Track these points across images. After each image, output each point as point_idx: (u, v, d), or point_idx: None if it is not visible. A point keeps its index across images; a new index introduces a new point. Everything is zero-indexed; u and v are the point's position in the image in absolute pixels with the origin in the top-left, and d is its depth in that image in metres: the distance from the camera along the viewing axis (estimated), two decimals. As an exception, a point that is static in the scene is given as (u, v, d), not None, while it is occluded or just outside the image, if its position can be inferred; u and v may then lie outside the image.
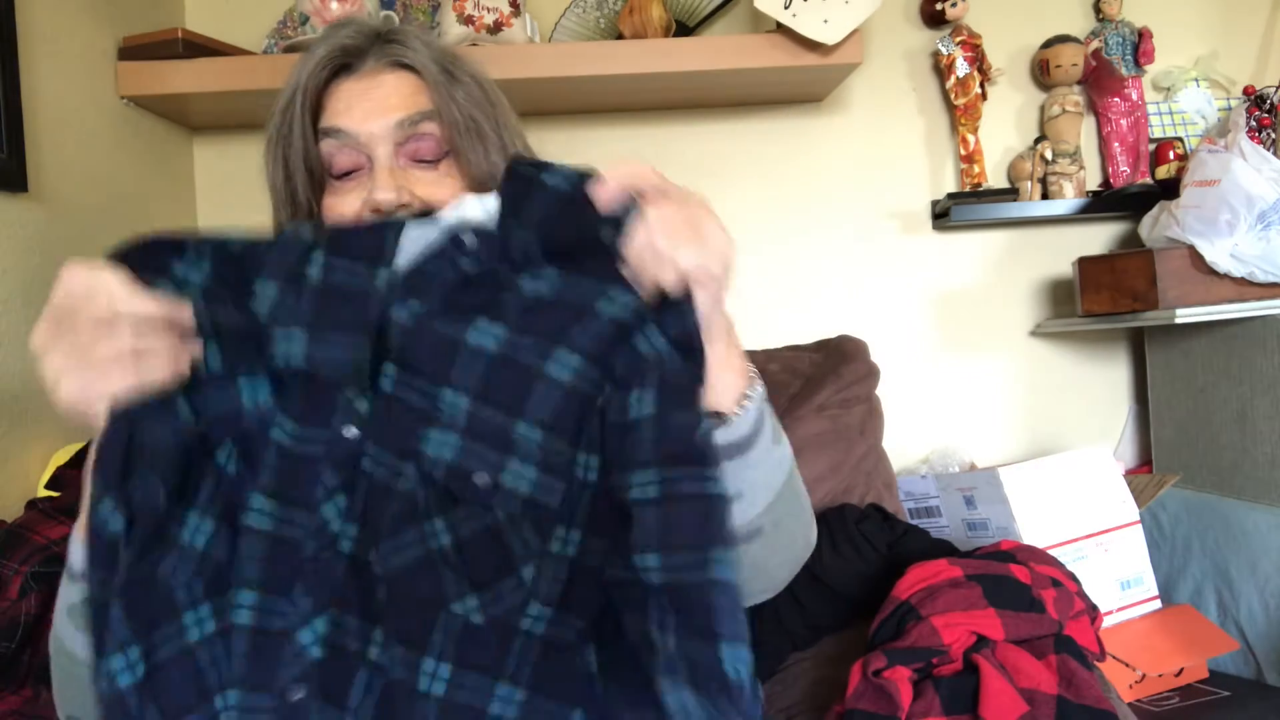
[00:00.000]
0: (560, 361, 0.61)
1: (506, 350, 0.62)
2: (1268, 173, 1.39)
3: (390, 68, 0.81)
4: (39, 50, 1.24)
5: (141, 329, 0.59)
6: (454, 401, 0.62)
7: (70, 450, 1.18)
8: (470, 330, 0.62)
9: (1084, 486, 1.42)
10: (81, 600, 0.63)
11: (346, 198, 0.80)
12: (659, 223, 0.60)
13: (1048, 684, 0.88)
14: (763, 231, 1.75)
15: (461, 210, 0.66)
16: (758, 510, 0.73)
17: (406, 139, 0.79)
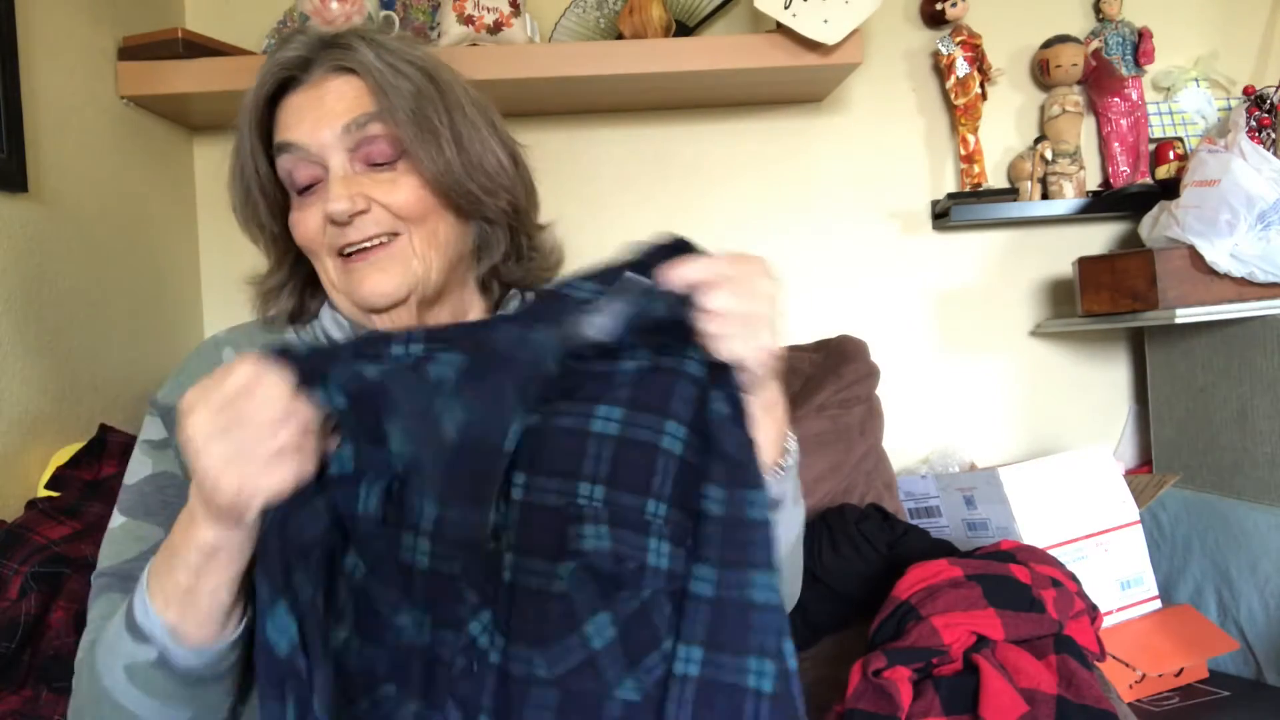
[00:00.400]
0: (671, 434, 0.67)
1: (627, 432, 0.67)
2: (1268, 173, 1.39)
3: (334, 73, 0.79)
4: (39, 50, 1.24)
5: (307, 430, 0.62)
6: (590, 493, 0.66)
7: (70, 450, 1.18)
8: (593, 420, 0.67)
9: (1084, 486, 1.42)
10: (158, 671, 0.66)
11: (308, 213, 0.79)
12: (714, 315, 0.65)
13: (1048, 684, 0.88)
14: (762, 231, 1.75)
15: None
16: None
17: (358, 144, 0.78)
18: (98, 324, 1.35)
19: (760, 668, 0.63)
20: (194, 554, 0.64)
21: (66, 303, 1.27)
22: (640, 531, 0.66)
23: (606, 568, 0.65)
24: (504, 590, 0.66)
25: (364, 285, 0.78)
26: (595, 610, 0.65)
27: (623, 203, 1.73)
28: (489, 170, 0.81)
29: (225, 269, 1.69)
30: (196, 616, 0.65)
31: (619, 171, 1.73)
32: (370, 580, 0.67)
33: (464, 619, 0.65)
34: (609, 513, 0.66)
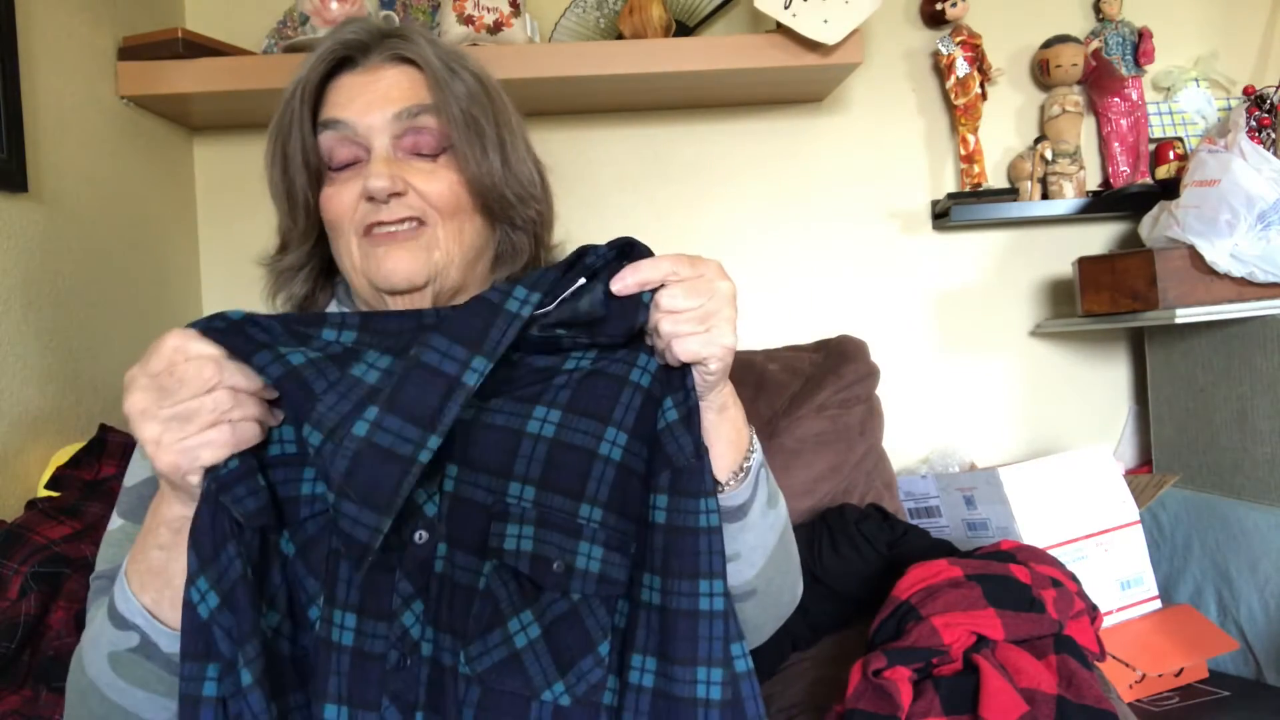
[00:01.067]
0: (610, 440, 0.66)
1: (562, 435, 0.66)
2: (1268, 173, 1.39)
3: (392, 61, 0.81)
4: (39, 50, 1.24)
5: (239, 398, 0.62)
6: (520, 492, 0.65)
7: (70, 450, 1.18)
8: (529, 420, 0.66)
9: (1084, 486, 1.42)
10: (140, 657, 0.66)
11: (343, 188, 0.79)
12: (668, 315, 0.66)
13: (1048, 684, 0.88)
14: (762, 231, 1.75)
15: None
16: (754, 571, 0.78)
17: (404, 131, 0.79)
18: (98, 324, 1.35)
19: (709, 677, 0.64)
20: (163, 530, 0.65)
21: (66, 303, 1.27)
22: (571, 535, 0.66)
23: (524, 568, 0.65)
24: (435, 580, 0.65)
25: (385, 264, 0.78)
26: (518, 609, 0.64)
27: (623, 203, 1.73)
28: (523, 180, 0.83)
29: (225, 269, 1.69)
30: (173, 598, 0.65)
31: (619, 171, 1.73)
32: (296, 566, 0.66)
33: (396, 611, 0.65)
34: (537, 514, 0.66)
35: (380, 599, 0.65)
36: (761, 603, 0.80)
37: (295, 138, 0.80)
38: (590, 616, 0.66)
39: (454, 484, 0.67)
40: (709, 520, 0.66)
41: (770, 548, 0.79)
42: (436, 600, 0.65)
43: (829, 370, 1.42)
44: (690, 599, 0.65)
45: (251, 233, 1.67)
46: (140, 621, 0.66)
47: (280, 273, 0.85)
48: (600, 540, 0.67)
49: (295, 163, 0.80)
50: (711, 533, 0.66)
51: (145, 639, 0.67)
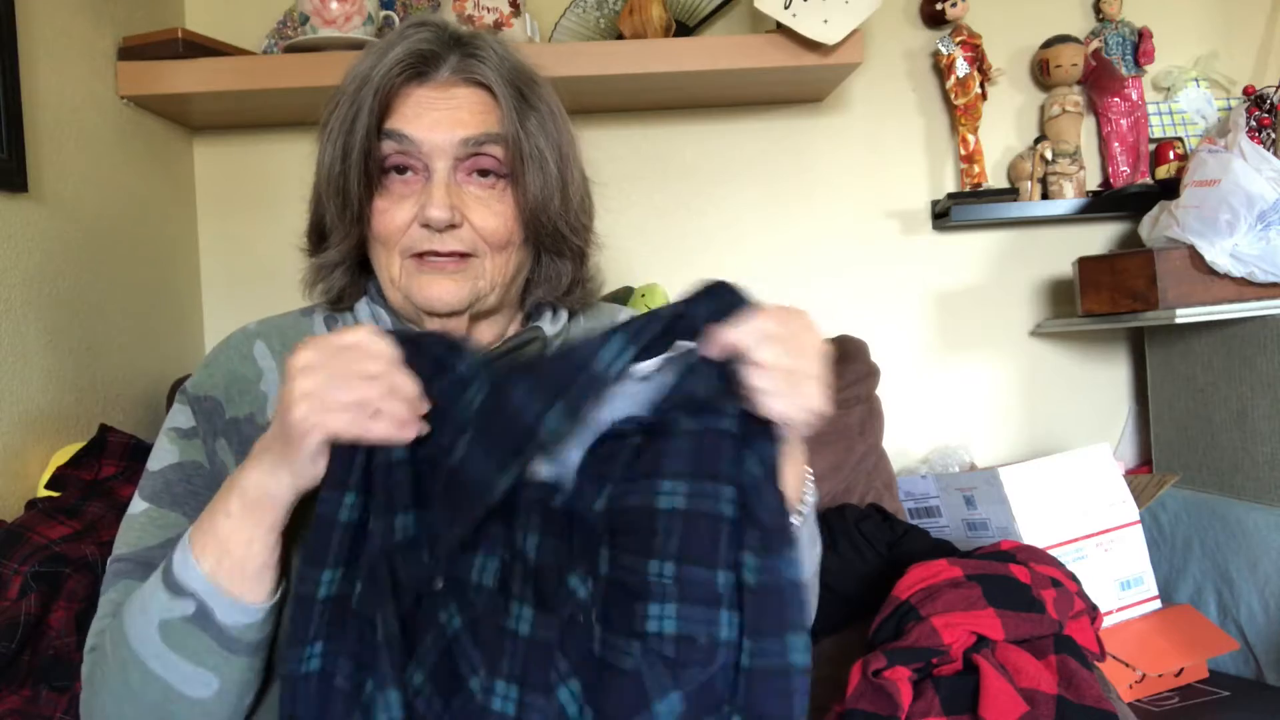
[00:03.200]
0: (728, 499, 0.65)
1: (694, 504, 0.65)
2: (1268, 173, 1.39)
3: (465, 82, 0.79)
4: (39, 50, 1.24)
5: (392, 395, 0.65)
6: (660, 570, 0.65)
7: (70, 450, 1.18)
8: (659, 495, 0.66)
9: (1084, 486, 1.42)
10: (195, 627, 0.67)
11: (399, 205, 0.79)
12: (762, 370, 0.65)
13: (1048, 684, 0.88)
14: (762, 231, 1.75)
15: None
16: None
17: (468, 156, 0.79)
18: (98, 324, 1.35)
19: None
20: (234, 498, 0.67)
21: (66, 303, 1.27)
22: (713, 605, 0.65)
23: (669, 652, 0.64)
24: (594, 663, 0.66)
25: (430, 289, 0.79)
26: (665, 690, 0.64)
27: (623, 203, 1.73)
28: (577, 211, 0.84)
29: (225, 269, 1.69)
30: (232, 567, 0.67)
31: (619, 171, 1.73)
32: (461, 637, 0.67)
33: (553, 685, 0.66)
34: (678, 590, 0.65)
35: (542, 674, 0.66)
36: None
37: (359, 141, 0.78)
38: (723, 679, 0.65)
39: (608, 566, 0.67)
40: (794, 574, 0.65)
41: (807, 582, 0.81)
42: (595, 680, 0.66)
43: (829, 370, 1.42)
44: (780, 656, 0.64)
45: (251, 233, 1.68)
46: (199, 587, 0.67)
47: (320, 267, 0.85)
48: (736, 606, 0.66)
49: (355, 161, 0.79)
50: (798, 587, 0.65)
51: (202, 607, 0.67)
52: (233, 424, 0.80)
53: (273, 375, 0.83)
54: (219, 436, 0.80)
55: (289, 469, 0.66)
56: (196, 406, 0.81)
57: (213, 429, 0.80)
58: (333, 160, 0.80)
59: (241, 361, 0.83)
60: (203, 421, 0.80)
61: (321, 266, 0.85)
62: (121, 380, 1.39)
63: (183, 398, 0.83)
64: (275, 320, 0.88)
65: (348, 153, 0.79)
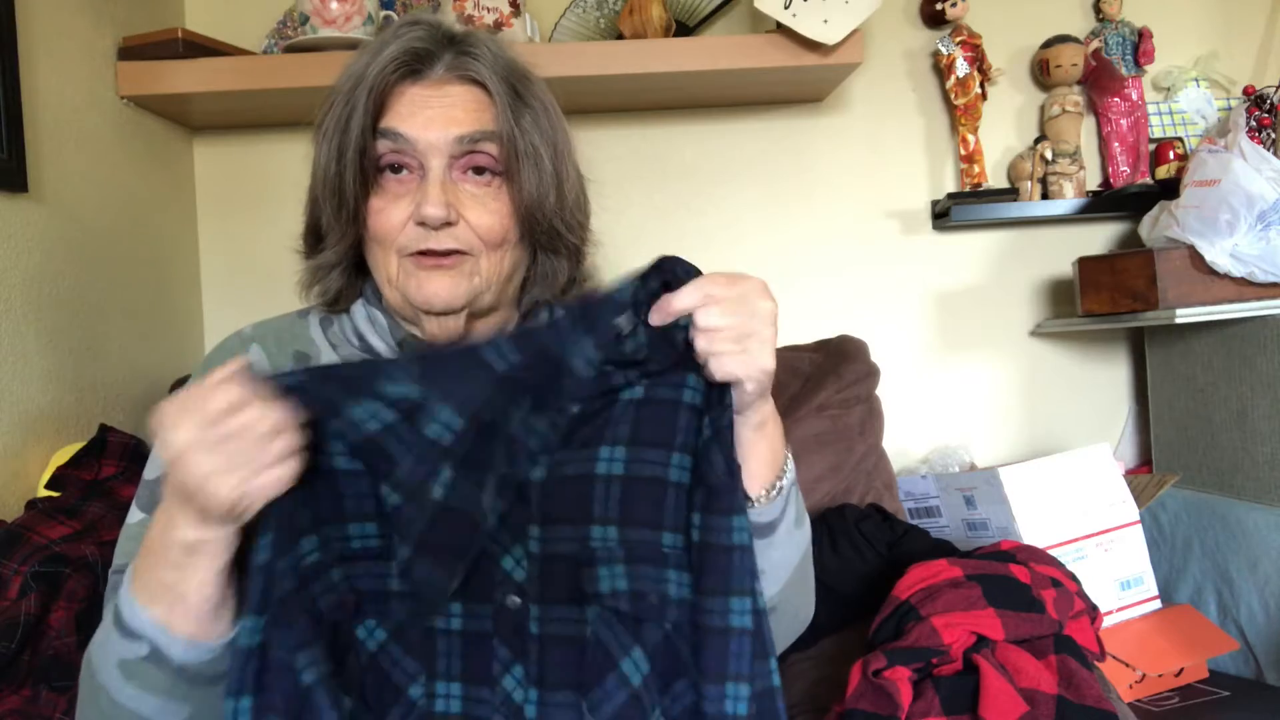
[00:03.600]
0: (677, 465, 0.67)
1: (632, 470, 0.67)
2: (1268, 173, 1.39)
3: (459, 80, 0.79)
4: (39, 50, 1.24)
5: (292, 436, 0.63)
6: (604, 535, 0.67)
7: (70, 450, 1.18)
8: (597, 463, 0.67)
9: (1084, 486, 1.42)
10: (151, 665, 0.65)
11: (395, 204, 0.79)
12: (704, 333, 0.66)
13: (1048, 684, 0.88)
14: (762, 231, 1.75)
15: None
16: (777, 589, 0.78)
17: (463, 154, 0.79)
18: (98, 324, 1.35)
19: (736, 693, 0.64)
20: (176, 551, 0.64)
21: (66, 303, 1.27)
22: (659, 564, 0.67)
23: (625, 607, 0.66)
24: (533, 643, 0.67)
25: (426, 287, 0.79)
26: (628, 647, 0.66)
27: (622, 203, 1.73)
28: (573, 209, 0.84)
29: (225, 269, 1.69)
30: (185, 612, 0.65)
31: (619, 171, 1.73)
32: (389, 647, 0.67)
33: (496, 677, 0.66)
34: (624, 551, 0.67)
35: (483, 666, 0.66)
36: (779, 620, 0.80)
37: (354, 140, 0.78)
38: (682, 639, 0.67)
39: (539, 544, 0.68)
40: (740, 538, 0.66)
41: (793, 566, 0.80)
42: (538, 662, 0.66)
43: (829, 370, 1.42)
44: (721, 616, 0.65)
45: (251, 233, 1.68)
46: (150, 633, 0.66)
47: (317, 268, 0.85)
48: (684, 566, 0.68)
49: (350, 162, 0.79)
50: (743, 550, 0.66)
51: (156, 649, 0.66)
52: None
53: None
54: None
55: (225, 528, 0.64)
56: None
57: None
58: (328, 160, 0.80)
59: None
60: None
61: (318, 268, 0.85)
62: (121, 380, 1.39)
63: None
64: (271, 323, 0.88)
65: (343, 152, 0.78)
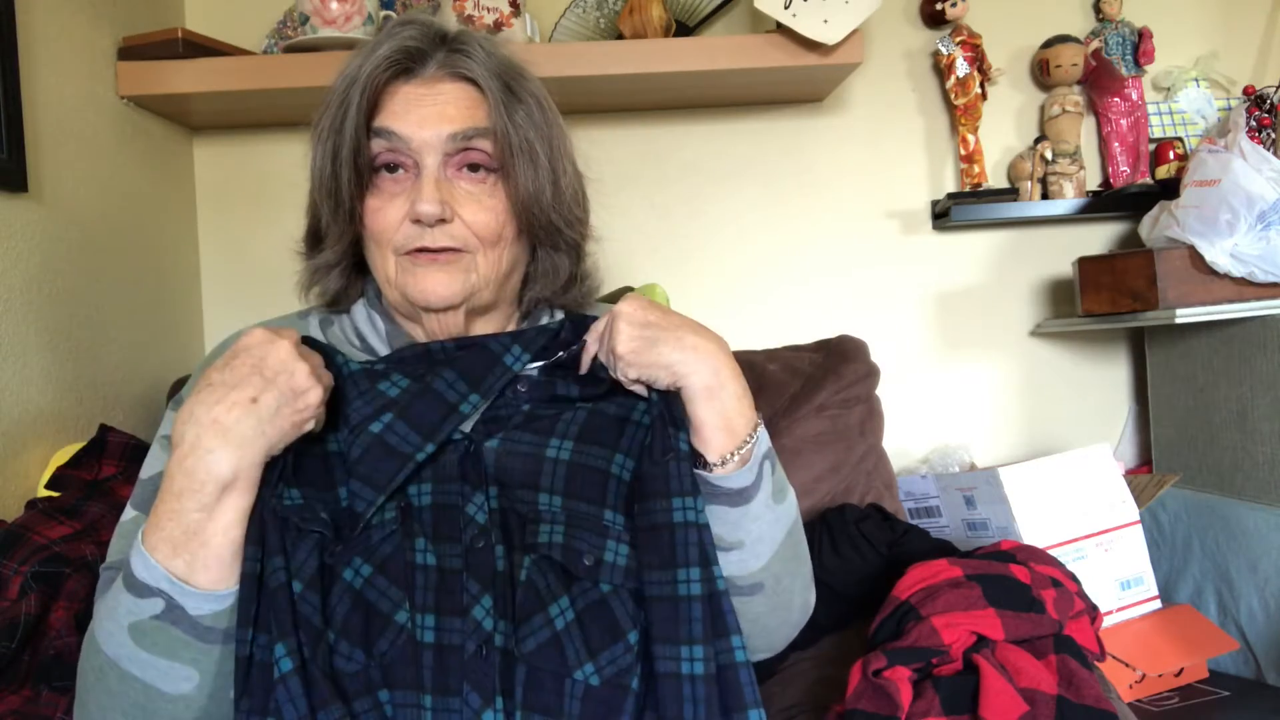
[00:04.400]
0: (619, 464, 0.78)
1: (577, 459, 0.78)
2: (1268, 173, 1.39)
3: (452, 77, 0.80)
4: (39, 50, 1.24)
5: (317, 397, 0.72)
6: (549, 501, 0.76)
7: (70, 450, 1.18)
8: (547, 448, 0.78)
9: (1084, 486, 1.42)
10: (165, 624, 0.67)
11: (391, 203, 0.79)
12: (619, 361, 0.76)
13: (1048, 684, 0.88)
14: (762, 231, 1.75)
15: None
16: (760, 564, 0.79)
17: (457, 151, 0.79)
18: (98, 324, 1.35)
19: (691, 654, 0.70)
20: (210, 489, 0.66)
21: (66, 303, 1.27)
22: (598, 534, 0.75)
23: (558, 557, 0.74)
24: (500, 578, 0.73)
25: (423, 283, 0.80)
26: (555, 595, 0.73)
27: (623, 202, 1.73)
28: (571, 203, 0.84)
29: (225, 269, 1.69)
30: (207, 558, 0.67)
31: (619, 171, 1.73)
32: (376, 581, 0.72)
33: (467, 606, 0.71)
34: (566, 516, 0.76)
35: (454, 599, 0.71)
36: (770, 601, 0.81)
37: (348, 140, 0.79)
38: (620, 606, 0.73)
39: (495, 501, 0.76)
40: (684, 516, 0.73)
41: (778, 541, 0.80)
42: (503, 596, 0.72)
43: (829, 370, 1.42)
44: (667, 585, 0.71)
45: (251, 233, 1.68)
46: (165, 586, 0.66)
47: (316, 269, 0.86)
48: (625, 540, 0.75)
49: (345, 163, 0.79)
50: (687, 527, 0.72)
51: (170, 603, 0.67)
52: None
53: None
54: None
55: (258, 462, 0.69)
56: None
57: None
58: (324, 161, 0.81)
59: None
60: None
61: (317, 269, 0.86)
62: (121, 380, 1.39)
63: (175, 404, 0.83)
64: (271, 323, 0.87)
65: (338, 152, 0.79)
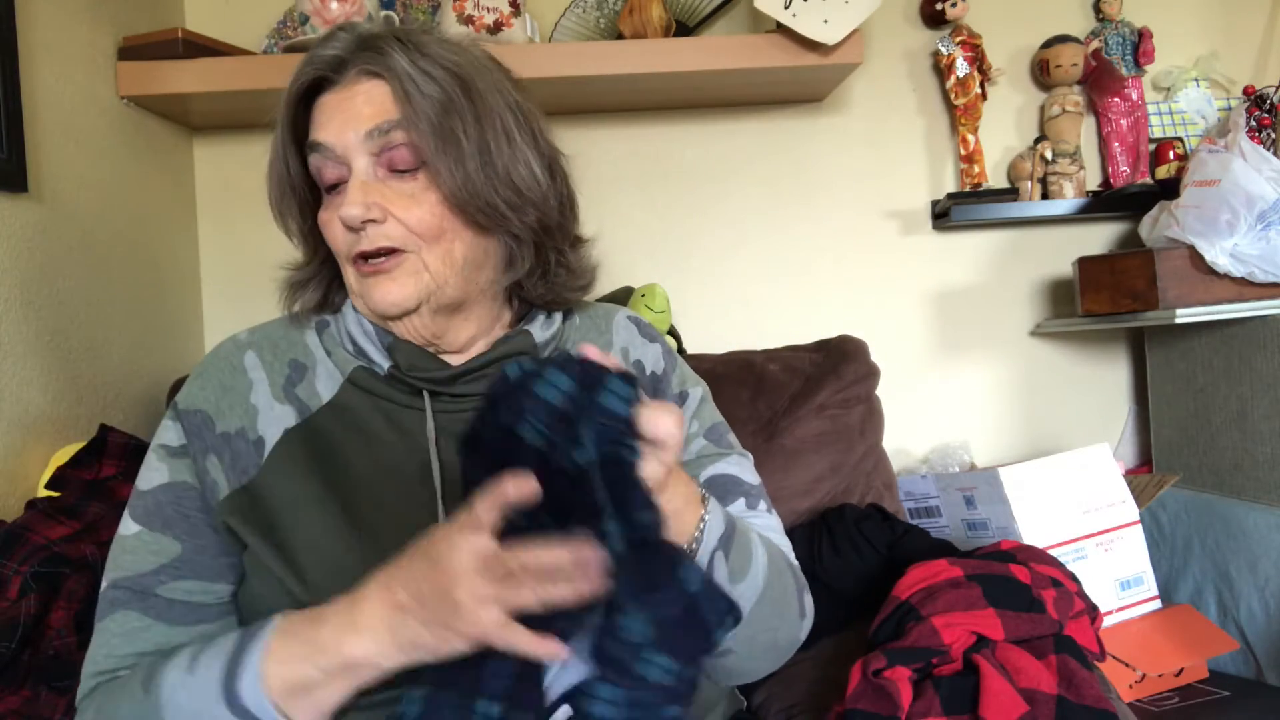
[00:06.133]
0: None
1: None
2: (1268, 173, 1.39)
3: (365, 76, 0.78)
4: (39, 50, 1.24)
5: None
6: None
7: (70, 450, 1.18)
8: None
9: (1084, 486, 1.42)
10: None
11: (334, 216, 0.79)
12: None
13: (1048, 684, 0.88)
14: (762, 231, 1.75)
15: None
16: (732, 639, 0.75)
17: (380, 150, 0.77)
18: (98, 324, 1.35)
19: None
20: (337, 661, 0.65)
21: (66, 303, 1.27)
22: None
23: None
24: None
25: (375, 293, 0.78)
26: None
27: (623, 203, 1.73)
28: (518, 185, 0.79)
29: (225, 269, 1.69)
30: (311, 708, 0.67)
31: (619, 171, 1.73)
32: None
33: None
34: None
35: None
36: (742, 658, 0.79)
37: (280, 161, 0.80)
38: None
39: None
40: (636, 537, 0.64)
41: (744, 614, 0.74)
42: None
43: (829, 370, 1.42)
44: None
45: (251, 233, 1.68)
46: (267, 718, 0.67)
47: (293, 284, 0.86)
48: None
49: (285, 188, 0.81)
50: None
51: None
52: (223, 439, 0.79)
53: (263, 386, 0.81)
54: (209, 453, 0.78)
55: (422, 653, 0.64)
56: (186, 422, 0.80)
57: (203, 445, 0.79)
58: (270, 187, 0.82)
59: (232, 373, 0.82)
60: (193, 438, 0.79)
61: (293, 284, 0.86)
62: (121, 380, 1.39)
63: (173, 413, 0.82)
64: (266, 328, 0.87)
65: (279, 175, 0.80)
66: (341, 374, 0.83)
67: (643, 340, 0.95)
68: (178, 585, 0.76)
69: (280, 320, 0.88)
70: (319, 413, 0.81)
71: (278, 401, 0.81)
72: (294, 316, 0.87)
